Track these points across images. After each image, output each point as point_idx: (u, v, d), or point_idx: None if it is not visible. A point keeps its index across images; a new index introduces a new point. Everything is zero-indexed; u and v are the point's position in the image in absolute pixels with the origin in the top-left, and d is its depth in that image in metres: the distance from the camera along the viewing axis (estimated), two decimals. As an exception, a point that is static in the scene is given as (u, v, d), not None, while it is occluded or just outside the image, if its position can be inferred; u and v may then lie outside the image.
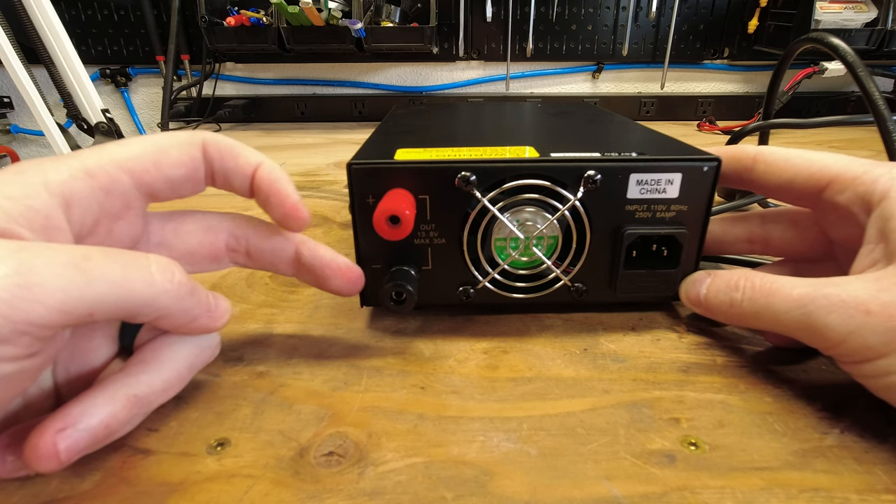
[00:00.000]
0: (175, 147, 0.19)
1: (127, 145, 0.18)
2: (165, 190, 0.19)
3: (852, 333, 0.17)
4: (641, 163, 0.22)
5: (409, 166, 0.22)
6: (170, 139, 0.19)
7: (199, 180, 0.20)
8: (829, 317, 0.17)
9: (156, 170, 0.18)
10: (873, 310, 0.16)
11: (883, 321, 0.16)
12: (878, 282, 0.17)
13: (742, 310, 0.20)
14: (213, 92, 0.87)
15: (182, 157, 0.19)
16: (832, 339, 0.17)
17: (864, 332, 0.17)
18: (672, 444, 0.18)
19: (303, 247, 0.21)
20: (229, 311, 0.19)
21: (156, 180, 0.18)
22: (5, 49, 0.51)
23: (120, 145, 0.18)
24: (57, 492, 0.16)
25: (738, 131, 0.38)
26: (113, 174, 0.17)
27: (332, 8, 0.70)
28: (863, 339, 0.17)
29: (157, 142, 0.19)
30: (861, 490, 0.16)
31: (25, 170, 0.15)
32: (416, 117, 0.38)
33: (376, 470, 0.17)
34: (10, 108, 0.95)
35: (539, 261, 0.24)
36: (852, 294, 0.17)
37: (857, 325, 0.17)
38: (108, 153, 0.17)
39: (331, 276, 0.21)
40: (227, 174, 0.20)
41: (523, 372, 0.22)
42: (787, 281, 0.19)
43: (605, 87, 0.94)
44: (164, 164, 0.18)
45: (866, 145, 0.67)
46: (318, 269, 0.21)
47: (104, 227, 0.17)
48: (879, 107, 0.26)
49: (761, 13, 0.83)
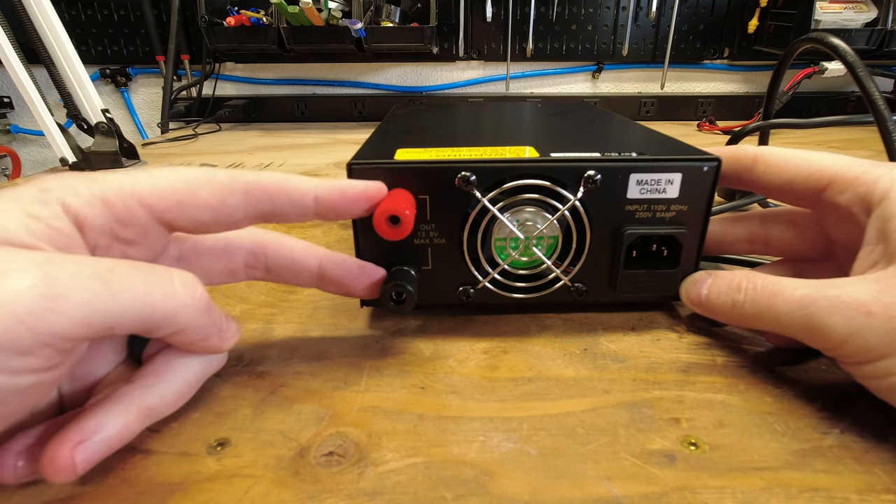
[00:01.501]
0: (207, 188, 0.17)
1: (155, 177, 0.17)
2: (190, 227, 0.18)
3: (854, 335, 0.17)
4: (641, 163, 0.22)
5: (409, 166, 0.22)
6: (205, 179, 0.17)
7: (232, 224, 0.19)
8: (831, 318, 0.17)
9: (178, 210, 0.17)
10: (875, 311, 0.16)
11: (884, 322, 0.16)
12: (879, 283, 0.17)
13: (744, 311, 0.20)
14: (213, 92, 0.87)
15: (212, 200, 0.17)
16: (833, 340, 0.17)
17: (866, 334, 0.17)
18: (672, 444, 0.18)
19: (327, 261, 0.21)
20: (238, 333, 0.19)
21: (178, 219, 0.17)
22: (5, 49, 0.51)
23: (148, 175, 0.17)
24: (57, 492, 0.16)
25: (738, 131, 0.38)
26: (131, 207, 0.16)
27: (332, 8, 0.70)
28: (864, 341, 0.17)
29: (189, 178, 0.17)
30: (861, 490, 0.16)
31: (49, 189, 0.15)
32: (416, 117, 0.38)
33: (376, 470, 0.17)
34: (10, 108, 0.95)
35: (539, 261, 0.24)
36: (854, 296, 0.17)
37: (858, 326, 0.17)
38: (132, 184, 0.17)
39: (358, 285, 0.22)
40: (284, 214, 0.19)
41: (523, 372, 0.22)
42: (788, 282, 0.19)
43: (605, 87, 0.94)
44: (190, 206, 0.17)
45: (866, 145, 0.67)
46: (346, 279, 0.22)
47: (118, 250, 0.17)
48: (879, 107, 0.26)
49: (761, 13, 0.83)
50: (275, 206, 0.19)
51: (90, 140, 0.59)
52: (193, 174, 0.18)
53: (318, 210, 0.19)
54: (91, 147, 0.59)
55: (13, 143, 0.99)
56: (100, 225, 0.16)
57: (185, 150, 0.70)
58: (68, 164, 0.58)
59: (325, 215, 0.20)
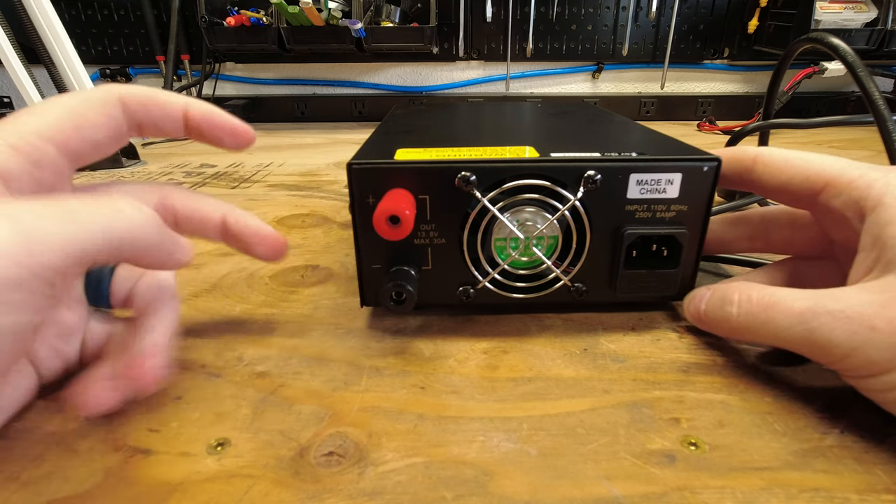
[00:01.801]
0: (91, 109, 0.19)
1: (41, 114, 0.18)
2: (90, 152, 0.19)
3: (857, 349, 0.17)
4: (641, 163, 0.22)
5: (409, 166, 0.22)
6: (83, 101, 0.19)
7: (121, 136, 0.20)
8: (833, 333, 0.17)
9: (78, 135, 0.18)
10: (878, 326, 0.16)
11: (888, 337, 0.16)
12: (882, 294, 0.17)
13: (739, 324, 0.20)
14: (213, 92, 0.87)
15: (100, 118, 0.19)
16: (836, 355, 0.17)
17: (869, 348, 0.16)
18: (672, 444, 0.18)
19: (230, 216, 0.22)
20: (190, 244, 0.20)
21: (80, 145, 0.18)
22: (5, 49, 0.51)
23: (33, 114, 0.18)
24: (57, 492, 0.16)
25: (738, 131, 0.38)
26: (38, 146, 0.17)
27: (332, 8, 0.70)
28: (867, 355, 0.16)
29: (72, 106, 0.18)
30: (861, 490, 0.16)
31: None
32: (416, 117, 0.38)
33: (376, 470, 0.17)
34: (10, 108, 0.95)
35: (539, 261, 0.24)
36: (857, 310, 0.17)
37: (861, 341, 0.16)
38: (26, 125, 0.17)
39: (257, 244, 0.23)
40: (156, 122, 0.20)
41: (523, 372, 0.22)
42: (786, 293, 0.19)
43: (605, 87, 0.94)
44: (85, 128, 0.18)
45: (866, 145, 0.67)
46: (245, 236, 0.22)
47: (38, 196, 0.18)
48: (879, 107, 0.26)
49: (761, 13, 0.83)
50: (149, 114, 0.20)
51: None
52: (71, 100, 0.19)
53: (189, 126, 0.21)
54: (91, 147, 0.59)
55: (13, 143, 0.99)
56: (18, 172, 0.17)
57: (184, 150, 0.70)
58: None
59: (193, 133, 0.21)
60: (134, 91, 0.20)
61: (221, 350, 0.23)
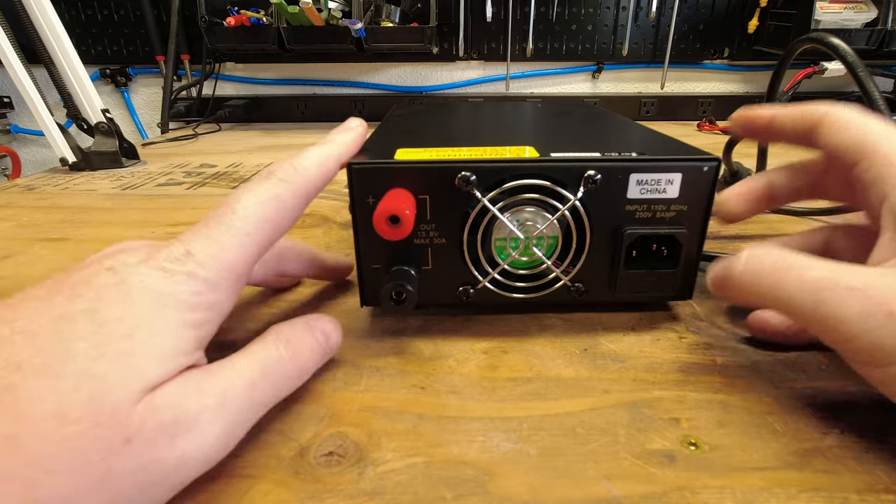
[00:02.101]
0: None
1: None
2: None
3: (868, 332, 0.15)
4: (641, 163, 0.22)
5: (409, 166, 0.22)
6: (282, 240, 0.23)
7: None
8: (845, 309, 0.16)
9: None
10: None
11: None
12: None
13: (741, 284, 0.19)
14: (213, 92, 0.87)
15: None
16: (844, 333, 0.16)
17: (882, 334, 0.15)
18: (672, 444, 0.18)
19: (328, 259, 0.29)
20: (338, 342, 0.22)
21: None
22: (5, 49, 0.51)
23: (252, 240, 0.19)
24: (57, 492, 0.16)
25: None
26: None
27: (332, 8, 0.70)
28: (878, 341, 0.15)
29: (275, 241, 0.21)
30: (861, 490, 0.16)
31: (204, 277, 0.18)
32: (416, 117, 0.38)
33: (376, 470, 0.17)
34: (10, 108, 0.95)
35: (539, 261, 0.24)
36: (878, 290, 0.16)
37: (875, 324, 0.15)
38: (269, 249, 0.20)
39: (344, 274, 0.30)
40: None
41: (523, 372, 0.22)
42: (802, 261, 0.18)
43: (605, 87, 0.94)
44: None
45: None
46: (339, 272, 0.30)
47: None
48: (879, 107, 0.26)
49: (761, 13, 0.83)
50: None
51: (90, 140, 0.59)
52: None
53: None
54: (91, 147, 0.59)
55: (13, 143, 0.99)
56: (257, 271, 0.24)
57: (184, 150, 0.70)
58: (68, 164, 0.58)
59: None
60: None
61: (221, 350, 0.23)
